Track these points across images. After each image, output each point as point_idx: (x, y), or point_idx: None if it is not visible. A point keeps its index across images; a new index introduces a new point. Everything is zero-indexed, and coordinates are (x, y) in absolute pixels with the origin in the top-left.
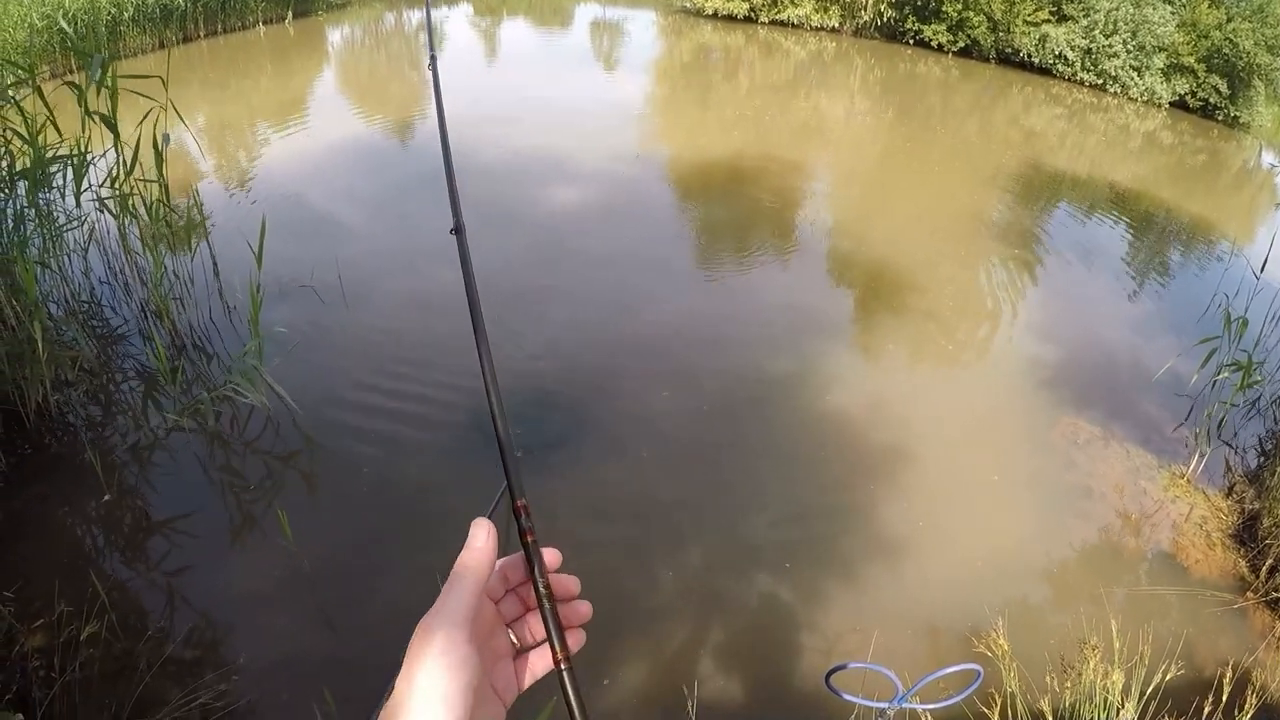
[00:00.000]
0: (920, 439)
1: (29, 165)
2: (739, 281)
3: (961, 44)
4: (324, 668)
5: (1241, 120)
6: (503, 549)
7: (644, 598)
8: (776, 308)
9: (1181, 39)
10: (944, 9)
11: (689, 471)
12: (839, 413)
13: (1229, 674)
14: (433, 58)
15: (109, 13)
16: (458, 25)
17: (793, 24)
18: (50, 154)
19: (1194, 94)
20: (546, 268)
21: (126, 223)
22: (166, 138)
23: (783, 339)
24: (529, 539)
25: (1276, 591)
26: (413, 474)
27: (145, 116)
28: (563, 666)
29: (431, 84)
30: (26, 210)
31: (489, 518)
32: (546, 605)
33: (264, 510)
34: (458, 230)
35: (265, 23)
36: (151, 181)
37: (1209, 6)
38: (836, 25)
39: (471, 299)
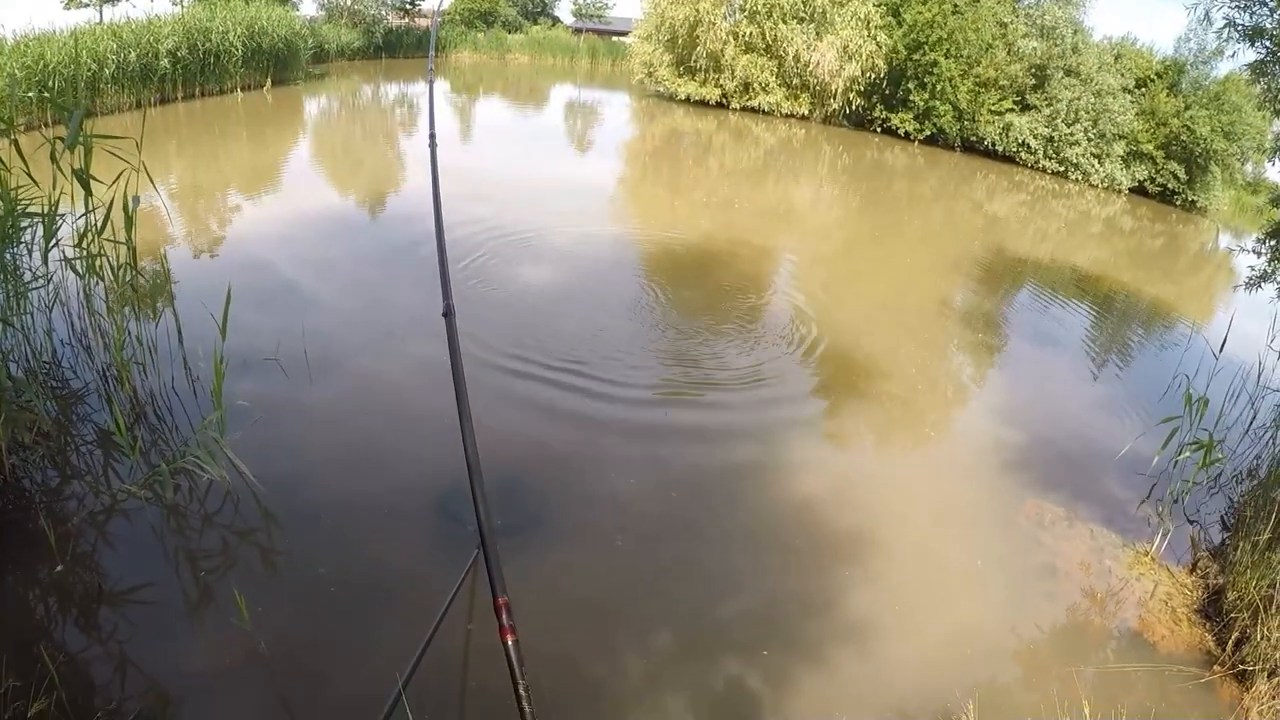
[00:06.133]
0: (889, 523)
1: None
2: (706, 365)
3: (928, 132)
4: None
5: (1199, 204)
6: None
7: (610, 684)
8: (744, 393)
9: (1141, 127)
10: (911, 98)
11: (659, 557)
12: (808, 498)
13: None
14: (432, 136)
15: (89, 69)
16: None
17: (763, 110)
18: (21, 209)
19: (1153, 179)
20: (509, 347)
21: (92, 284)
22: (137, 200)
23: (751, 426)
24: (509, 639)
25: (1243, 664)
26: (373, 557)
27: (118, 178)
28: None
29: (430, 162)
30: None
31: (448, 606)
32: (528, 708)
33: (221, 587)
34: (448, 314)
35: (244, 89)
36: (120, 243)
37: (1167, 95)
38: (806, 113)
39: (458, 386)
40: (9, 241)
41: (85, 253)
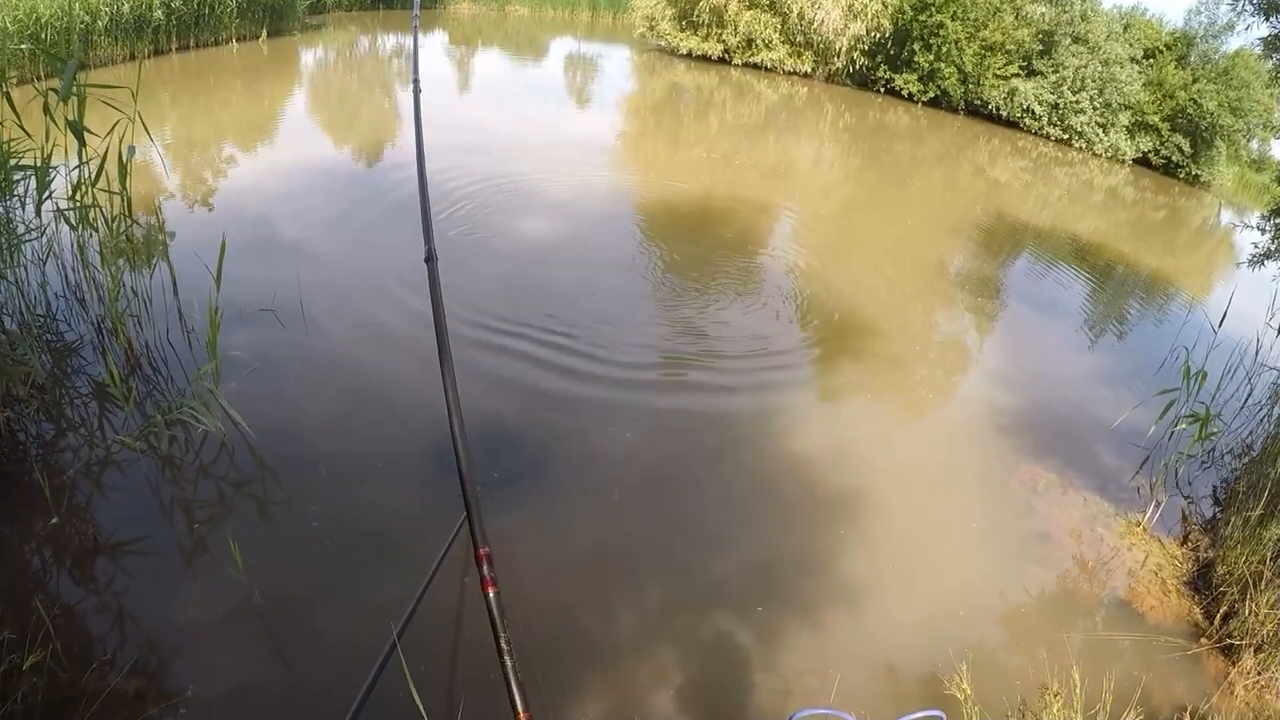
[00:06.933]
0: (883, 484)
1: None
2: (704, 322)
3: (932, 94)
4: (274, 704)
5: (1202, 178)
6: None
7: (606, 635)
8: (741, 350)
9: (1147, 98)
10: (916, 59)
11: (655, 513)
12: (805, 456)
13: (1185, 719)
14: (415, 82)
15: (82, 21)
16: (431, 53)
17: (766, 67)
18: (15, 161)
19: (1157, 151)
20: (506, 301)
21: (86, 235)
22: (132, 150)
23: (748, 383)
24: (490, 590)
25: (1230, 638)
26: (368, 507)
27: (113, 128)
28: None
29: (413, 108)
30: None
31: (443, 556)
32: (509, 662)
33: (216, 538)
34: (430, 259)
35: (239, 40)
36: (114, 193)
37: (1175, 67)
38: (809, 70)
39: (439, 328)
40: (1, 194)
41: (79, 204)
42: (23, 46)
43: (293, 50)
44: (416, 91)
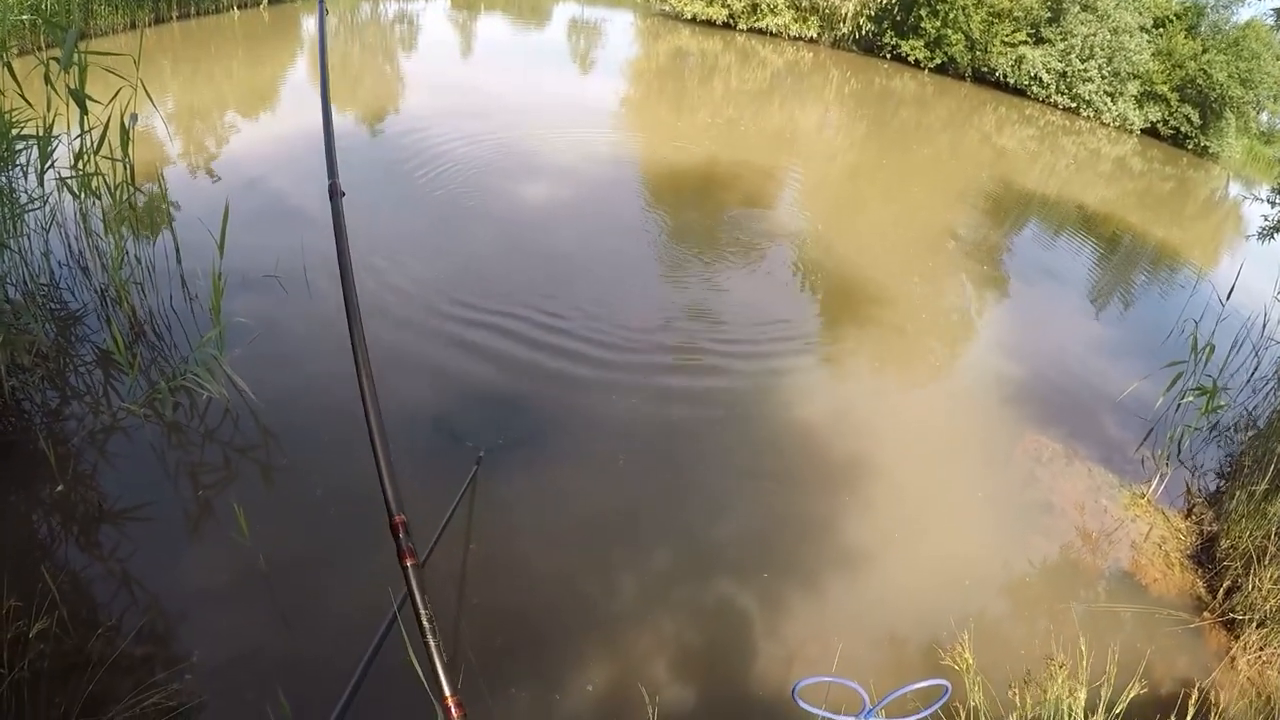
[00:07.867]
0: (887, 452)
1: None
2: (707, 289)
3: (938, 61)
4: (278, 668)
5: (1211, 150)
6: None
7: (604, 606)
8: (745, 316)
9: (1156, 67)
10: (923, 25)
11: (660, 479)
12: (809, 424)
13: (1188, 693)
14: (321, 2)
15: None
16: (433, 18)
17: (771, 32)
18: (16, 131)
19: (1165, 122)
20: (506, 266)
21: (89, 204)
22: (134, 118)
23: (752, 350)
24: (408, 563)
25: (1233, 612)
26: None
27: (115, 96)
28: (456, 713)
29: (318, 29)
30: None
31: (446, 523)
32: (430, 640)
33: (220, 504)
34: (334, 194)
35: (240, 7)
36: (117, 161)
37: (1185, 37)
38: (814, 36)
39: (344, 273)
40: (4, 164)
41: (81, 172)
42: (23, 17)
43: (294, 17)
44: (323, 13)
